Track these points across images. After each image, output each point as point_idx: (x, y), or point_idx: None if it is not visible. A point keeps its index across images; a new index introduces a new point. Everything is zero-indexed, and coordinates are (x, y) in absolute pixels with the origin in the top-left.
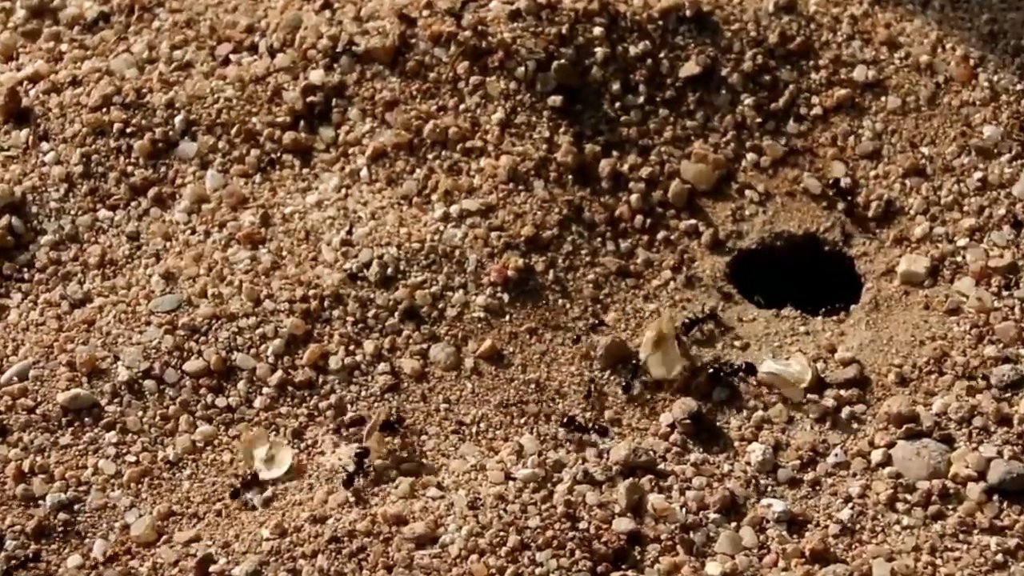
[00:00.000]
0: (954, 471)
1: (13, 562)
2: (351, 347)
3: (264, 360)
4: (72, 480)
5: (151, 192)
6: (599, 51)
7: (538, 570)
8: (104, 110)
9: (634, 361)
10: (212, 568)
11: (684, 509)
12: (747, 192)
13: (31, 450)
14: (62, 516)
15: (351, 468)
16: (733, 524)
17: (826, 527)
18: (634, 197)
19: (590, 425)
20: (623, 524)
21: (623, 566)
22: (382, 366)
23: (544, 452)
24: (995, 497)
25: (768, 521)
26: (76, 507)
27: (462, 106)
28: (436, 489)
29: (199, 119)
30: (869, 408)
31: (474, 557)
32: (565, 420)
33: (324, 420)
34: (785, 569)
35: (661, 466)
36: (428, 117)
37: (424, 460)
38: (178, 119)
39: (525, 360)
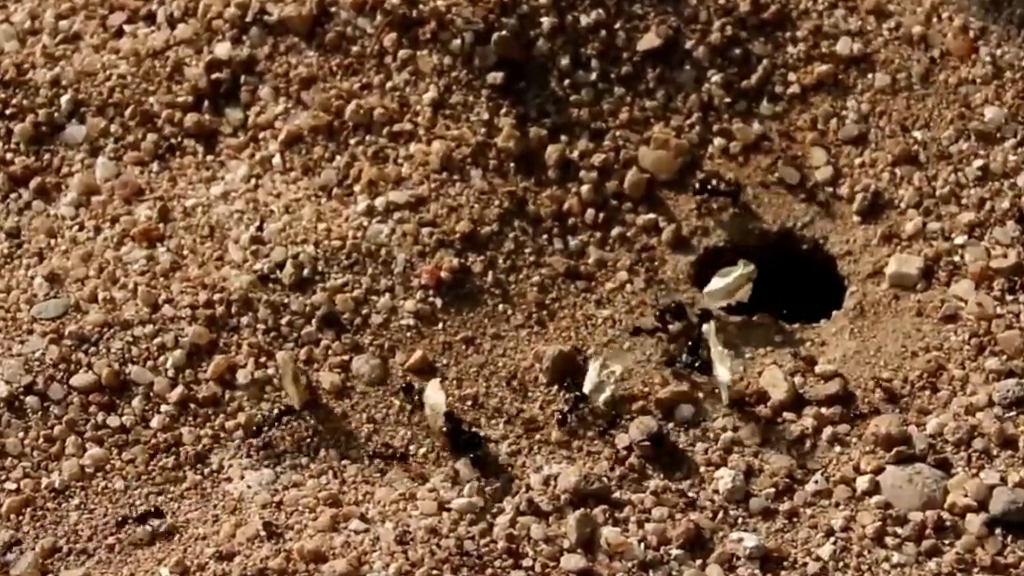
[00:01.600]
0: (951, 501)
1: None
2: (262, 359)
3: (163, 374)
4: None
5: (33, 183)
6: (545, 21)
7: None
8: None
9: (577, 393)
10: None
11: (643, 544)
12: (713, 182)
13: None
14: None
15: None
16: (699, 561)
17: (804, 565)
18: (585, 188)
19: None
20: (573, 561)
21: None
22: None
23: (483, 478)
24: (998, 531)
25: (739, 558)
26: None
27: (389, 84)
28: (359, 521)
29: (88, 99)
30: (854, 429)
31: None
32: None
33: (231, 442)
34: None
35: (616, 494)
36: (350, 96)
37: (346, 488)
38: (64, 99)
39: (461, 373)
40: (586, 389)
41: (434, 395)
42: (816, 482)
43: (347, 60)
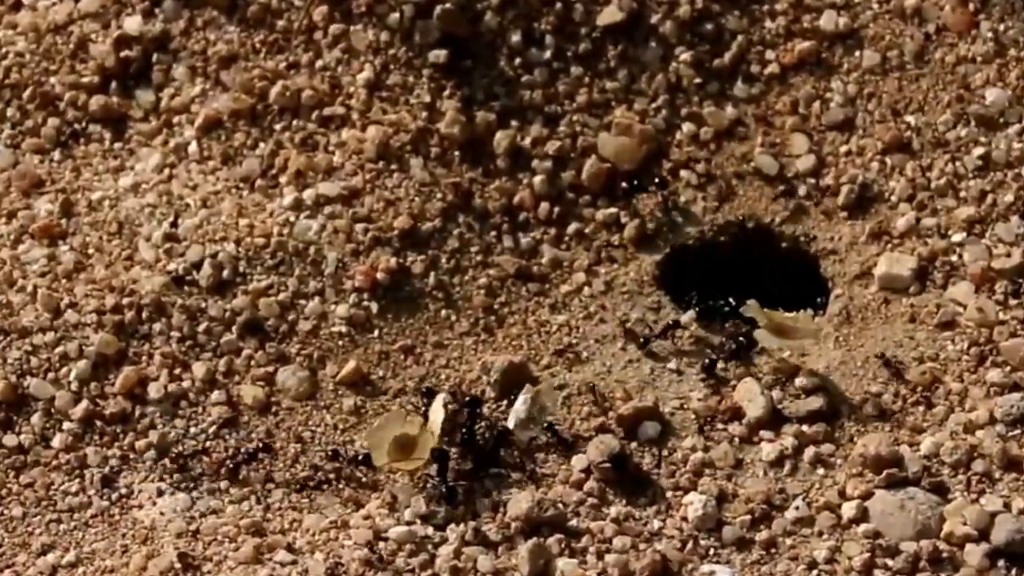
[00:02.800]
0: (948, 529)
1: None
2: (176, 370)
3: (65, 387)
4: None
5: None
6: None
7: None
8: None
9: (502, 426)
10: None
11: None
12: (683, 173)
13: None
14: None
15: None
16: None
17: None
18: (538, 179)
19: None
20: None
21: None
22: (216, 394)
23: (425, 505)
24: (1000, 562)
25: None
26: None
27: (319, 63)
28: (286, 552)
29: None
30: (839, 448)
31: None
32: (437, 458)
33: (142, 463)
34: None
35: (573, 522)
36: (275, 77)
37: (271, 515)
38: None
39: (400, 387)
40: (511, 422)
41: (436, 413)
42: (797, 508)
43: (272, 36)
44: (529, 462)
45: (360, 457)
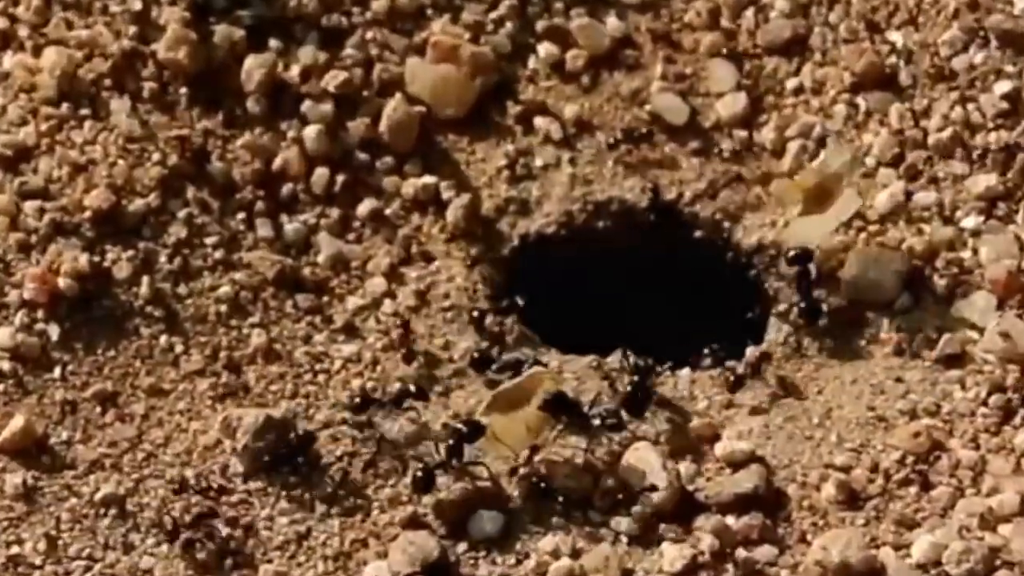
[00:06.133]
0: None
1: None
2: None
3: None
4: None
5: None
6: None
7: None
8: None
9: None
10: None
11: None
12: (539, 122)
13: None
14: None
15: None
16: None
17: None
18: (311, 132)
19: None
20: None
21: None
22: None
23: None
24: None
25: None
26: None
27: None
28: None
29: None
30: (785, 553)
31: None
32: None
33: None
34: None
35: None
36: None
37: None
38: None
39: (102, 454)
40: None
41: None
42: None
43: None
44: None
45: None
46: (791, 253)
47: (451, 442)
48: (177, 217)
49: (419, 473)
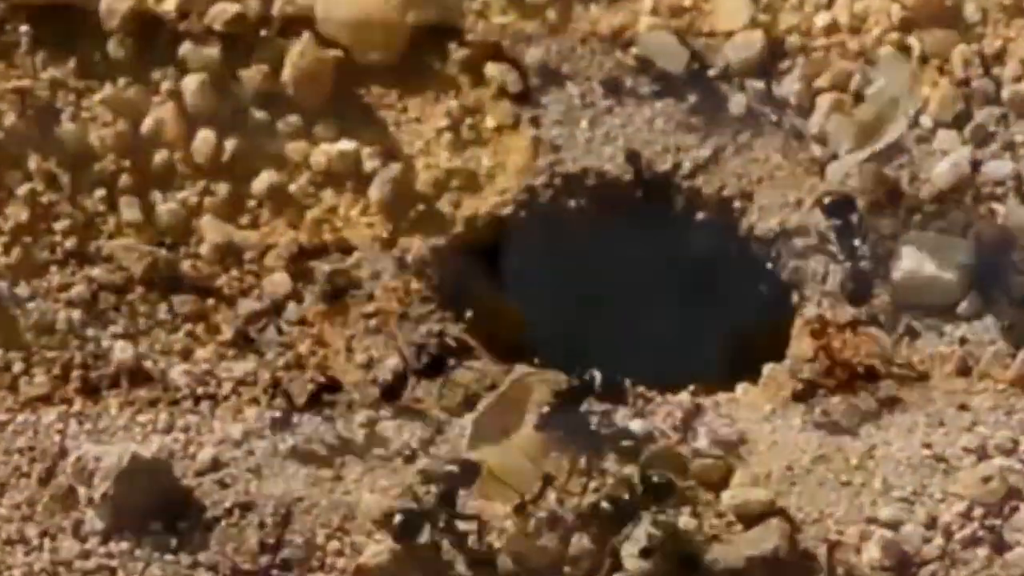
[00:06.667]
0: None
1: None
2: None
3: None
4: None
5: None
6: None
7: None
8: None
9: None
10: None
11: None
12: (490, 69)
13: None
14: None
15: None
16: None
17: None
18: (192, 83)
19: None
20: None
21: None
22: None
23: None
24: None
25: None
26: None
27: None
28: None
29: None
30: None
31: None
32: None
33: None
34: None
35: None
36: None
37: None
38: None
39: None
40: None
41: None
42: None
43: None
44: None
45: None
46: (827, 200)
47: (441, 489)
48: (16, 195)
49: (400, 520)
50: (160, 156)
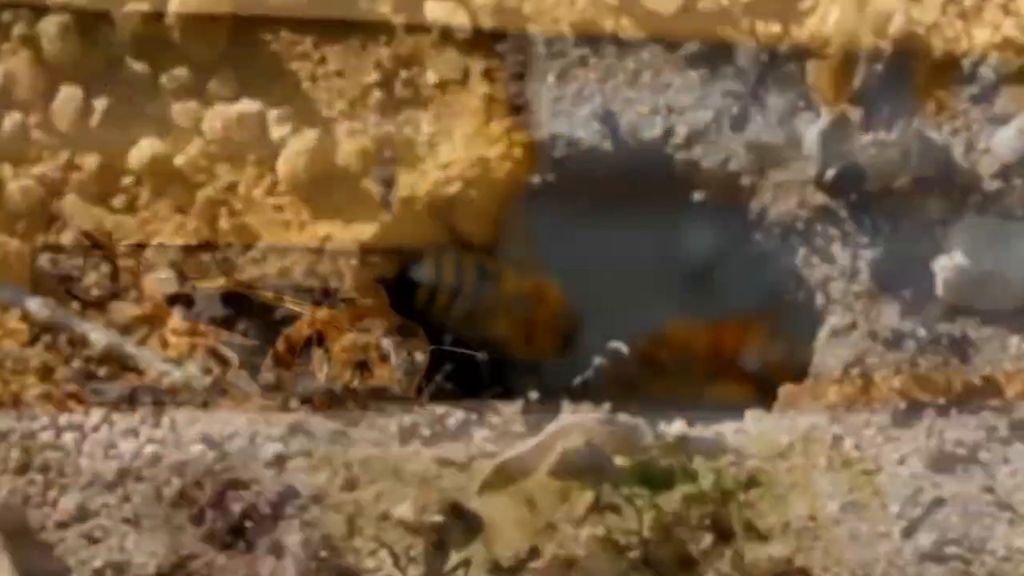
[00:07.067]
0: None
1: None
2: None
3: None
4: None
5: None
6: None
7: None
8: None
9: None
10: None
11: None
12: (432, 8)
13: None
14: None
15: None
16: None
17: None
18: (51, 28)
19: None
20: None
21: None
22: None
23: None
24: None
25: None
26: None
27: None
28: None
29: None
30: None
31: None
32: None
33: None
34: None
35: None
36: None
37: None
38: None
39: None
40: None
41: None
42: None
43: None
44: None
45: None
46: (830, 172)
47: (433, 540)
48: None
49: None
50: (11, 120)
